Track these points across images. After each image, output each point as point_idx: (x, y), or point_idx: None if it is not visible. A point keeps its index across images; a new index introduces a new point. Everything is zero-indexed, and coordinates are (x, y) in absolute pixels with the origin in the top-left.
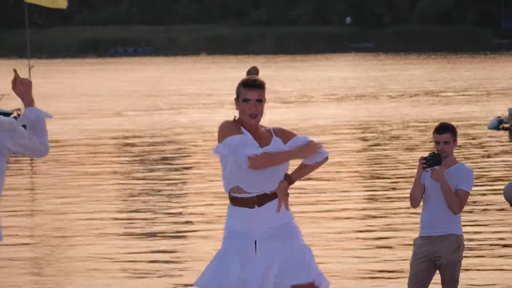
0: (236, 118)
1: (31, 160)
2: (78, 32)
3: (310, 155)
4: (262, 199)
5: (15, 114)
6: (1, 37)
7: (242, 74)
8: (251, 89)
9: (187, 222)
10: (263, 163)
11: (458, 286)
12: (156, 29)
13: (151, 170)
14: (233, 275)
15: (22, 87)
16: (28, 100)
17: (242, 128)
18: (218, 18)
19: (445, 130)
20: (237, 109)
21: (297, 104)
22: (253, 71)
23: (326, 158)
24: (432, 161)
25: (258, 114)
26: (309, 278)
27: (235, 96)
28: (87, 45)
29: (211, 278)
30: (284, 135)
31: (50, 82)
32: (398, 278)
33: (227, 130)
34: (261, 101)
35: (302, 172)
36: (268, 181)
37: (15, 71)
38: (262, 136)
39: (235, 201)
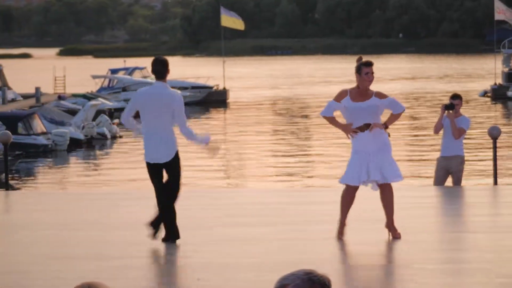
0: (357, 85)
1: (224, 113)
2: (250, 42)
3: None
4: (365, 127)
5: (215, 88)
6: (207, 44)
7: (342, 65)
8: (369, 66)
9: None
10: (327, 121)
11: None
12: (293, 40)
13: (293, 119)
14: (355, 175)
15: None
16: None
17: (347, 95)
18: (327, 34)
19: (457, 97)
20: (359, 78)
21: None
22: (359, 58)
23: (402, 111)
24: (448, 107)
25: (372, 80)
26: (400, 178)
27: (355, 71)
28: (255, 49)
29: (345, 176)
30: (382, 95)
31: (235, 70)
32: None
33: (335, 96)
34: (373, 73)
35: (390, 119)
36: (366, 120)
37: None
38: (367, 94)
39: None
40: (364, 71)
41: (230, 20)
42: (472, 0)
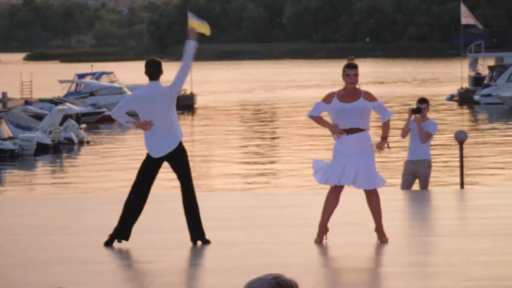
0: (344, 86)
1: (192, 117)
2: (218, 47)
3: (333, 133)
4: (350, 131)
5: (182, 92)
6: (174, 48)
7: (311, 70)
8: (351, 68)
9: (277, 147)
10: (314, 121)
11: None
12: (261, 45)
13: (261, 123)
14: (334, 175)
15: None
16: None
17: (335, 97)
18: (295, 38)
19: (424, 101)
20: (343, 80)
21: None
22: (350, 59)
23: (391, 117)
24: (415, 111)
25: (355, 82)
26: (374, 186)
27: (341, 73)
28: (222, 54)
29: (323, 174)
30: (370, 97)
31: (202, 74)
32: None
33: (323, 97)
34: (356, 74)
35: (385, 129)
36: (351, 122)
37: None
38: (355, 95)
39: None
40: (346, 72)
41: (197, 25)
42: (439, 4)
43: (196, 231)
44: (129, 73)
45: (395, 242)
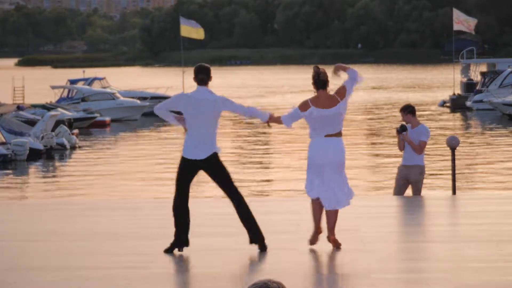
0: (315, 94)
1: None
2: (209, 52)
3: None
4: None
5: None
6: (166, 54)
7: (301, 77)
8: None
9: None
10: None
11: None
12: (252, 51)
13: (254, 127)
14: (311, 187)
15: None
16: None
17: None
18: (286, 44)
19: (405, 109)
20: (314, 88)
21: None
22: (316, 68)
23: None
24: (400, 130)
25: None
26: (342, 205)
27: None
28: (214, 59)
29: (306, 187)
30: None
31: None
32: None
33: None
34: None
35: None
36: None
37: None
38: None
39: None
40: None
41: (190, 30)
42: (430, 11)
43: (253, 234)
44: (121, 79)
45: (386, 248)
